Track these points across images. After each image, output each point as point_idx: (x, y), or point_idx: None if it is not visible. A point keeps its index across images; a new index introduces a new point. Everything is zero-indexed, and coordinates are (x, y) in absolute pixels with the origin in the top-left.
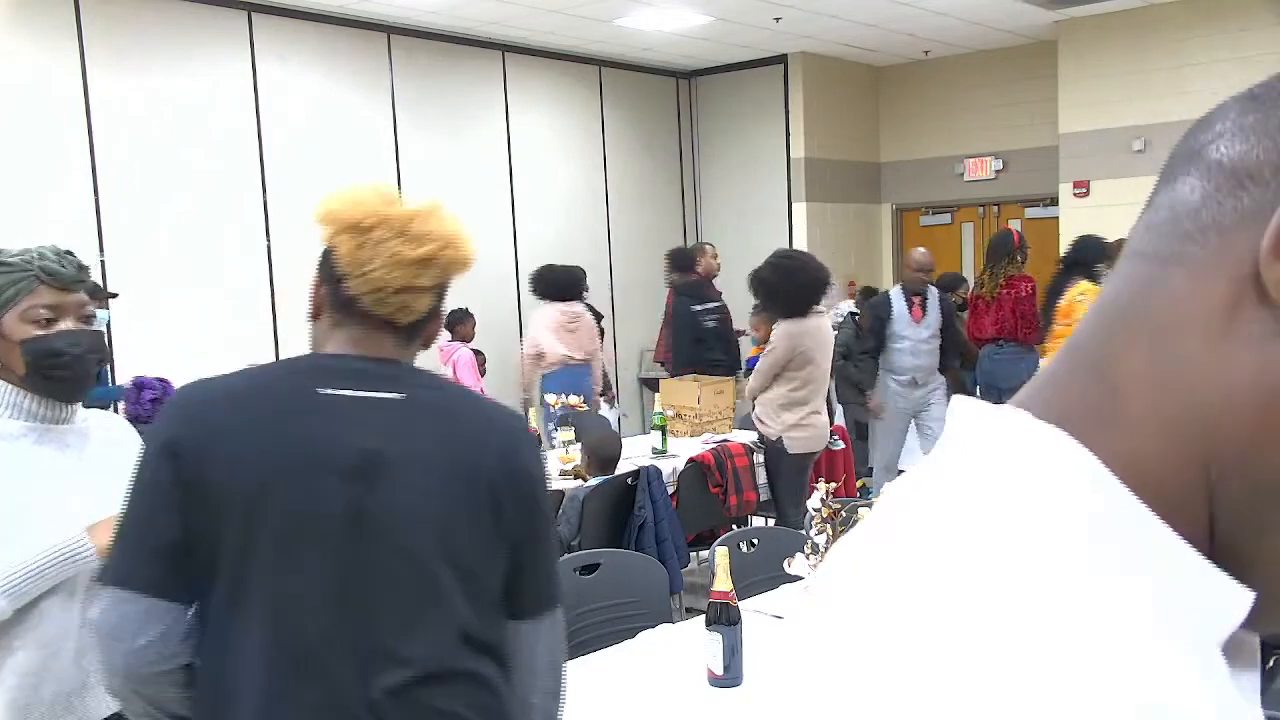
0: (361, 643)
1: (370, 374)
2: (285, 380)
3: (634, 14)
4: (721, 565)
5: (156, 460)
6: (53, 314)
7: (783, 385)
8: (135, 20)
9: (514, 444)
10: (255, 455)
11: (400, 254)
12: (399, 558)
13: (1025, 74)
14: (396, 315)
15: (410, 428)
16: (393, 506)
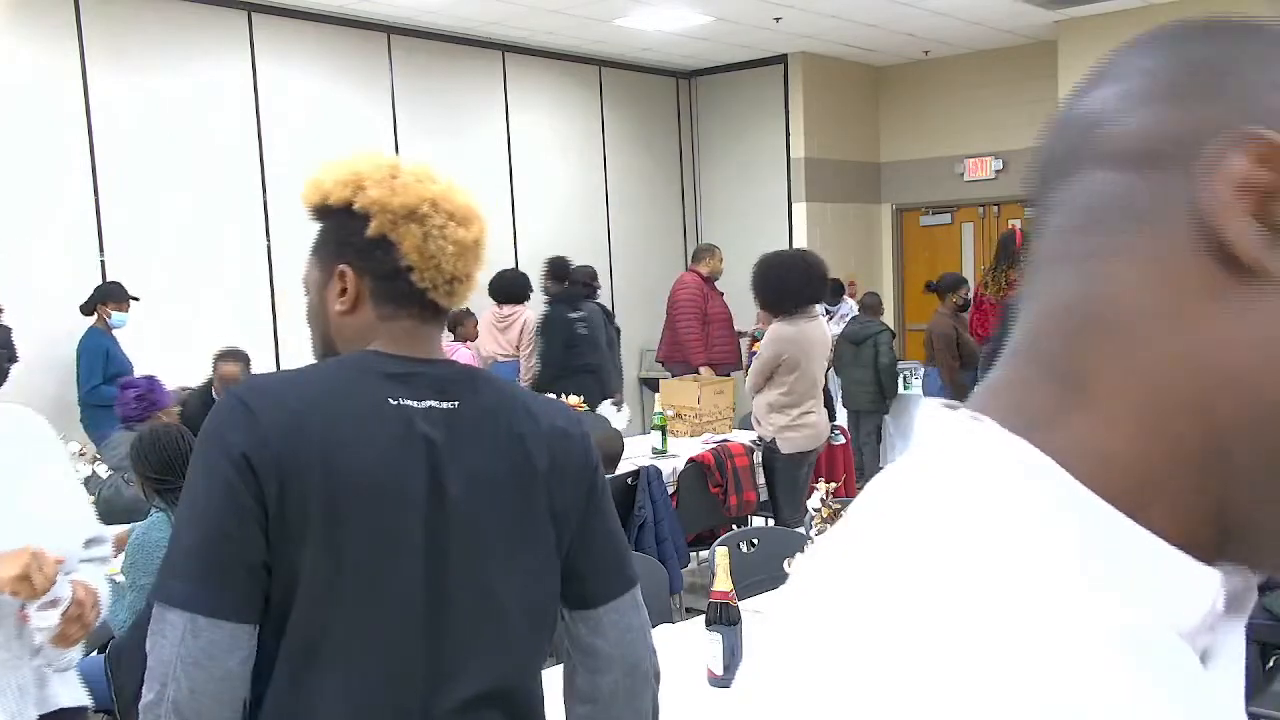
0: (430, 666)
1: (432, 379)
2: (358, 387)
3: (634, 14)
4: (721, 565)
5: (229, 471)
6: None
7: (773, 388)
8: (135, 20)
9: (563, 440)
10: (334, 476)
11: (462, 239)
12: (470, 583)
13: (1025, 74)
14: (460, 303)
15: (467, 442)
16: (462, 531)
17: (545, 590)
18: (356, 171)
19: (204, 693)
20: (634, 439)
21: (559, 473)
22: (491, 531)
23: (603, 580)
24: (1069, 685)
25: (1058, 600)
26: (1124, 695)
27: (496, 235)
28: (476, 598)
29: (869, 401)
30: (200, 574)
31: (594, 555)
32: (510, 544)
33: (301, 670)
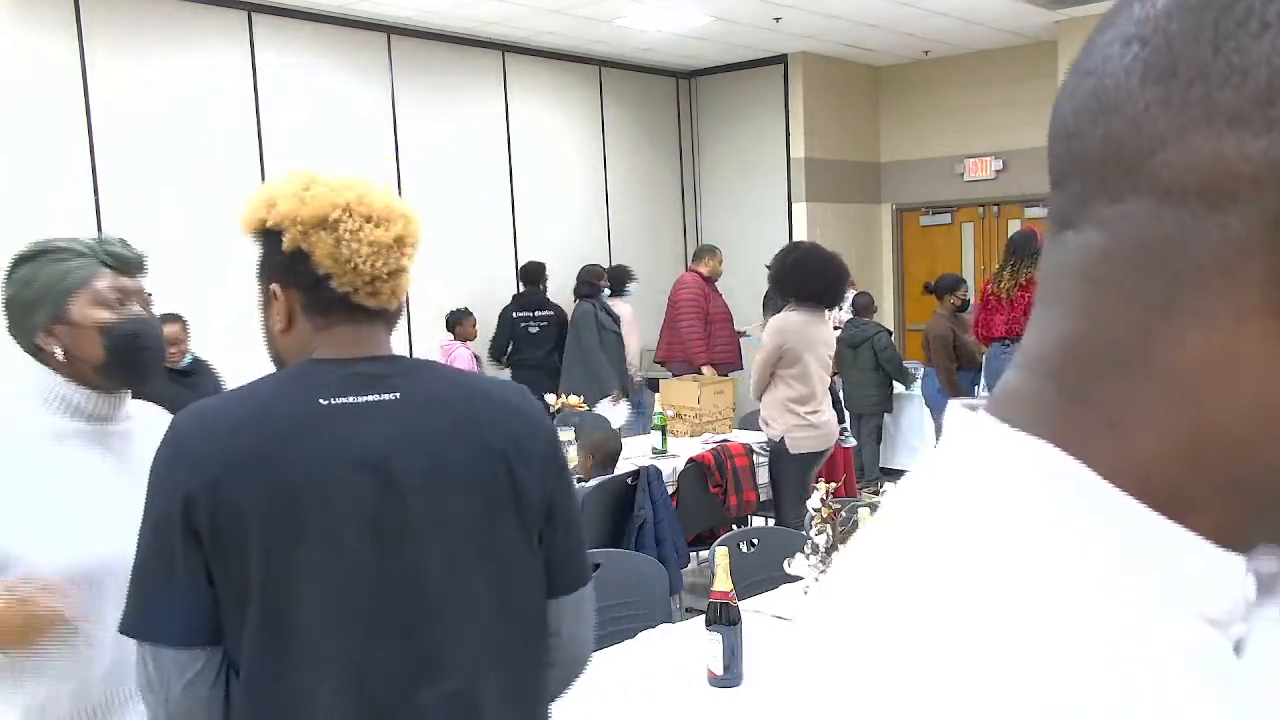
0: (407, 660)
1: (366, 375)
2: (291, 397)
3: (634, 14)
4: (721, 565)
5: (167, 508)
6: (123, 297)
7: (781, 386)
8: (135, 17)
9: (516, 417)
10: (268, 489)
11: (379, 239)
12: (435, 573)
13: (1025, 74)
14: (389, 302)
15: (413, 430)
16: (418, 523)
17: (520, 575)
18: (270, 192)
19: (163, 714)
20: (634, 439)
21: (521, 452)
22: (451, 520)
23: (565, 571)
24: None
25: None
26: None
27: (496, 235)
28: (445, 588)
29: (870, 403)
30: (142, 606)
31: (558, 543)
32: (473, 531)
33: (274, 679)
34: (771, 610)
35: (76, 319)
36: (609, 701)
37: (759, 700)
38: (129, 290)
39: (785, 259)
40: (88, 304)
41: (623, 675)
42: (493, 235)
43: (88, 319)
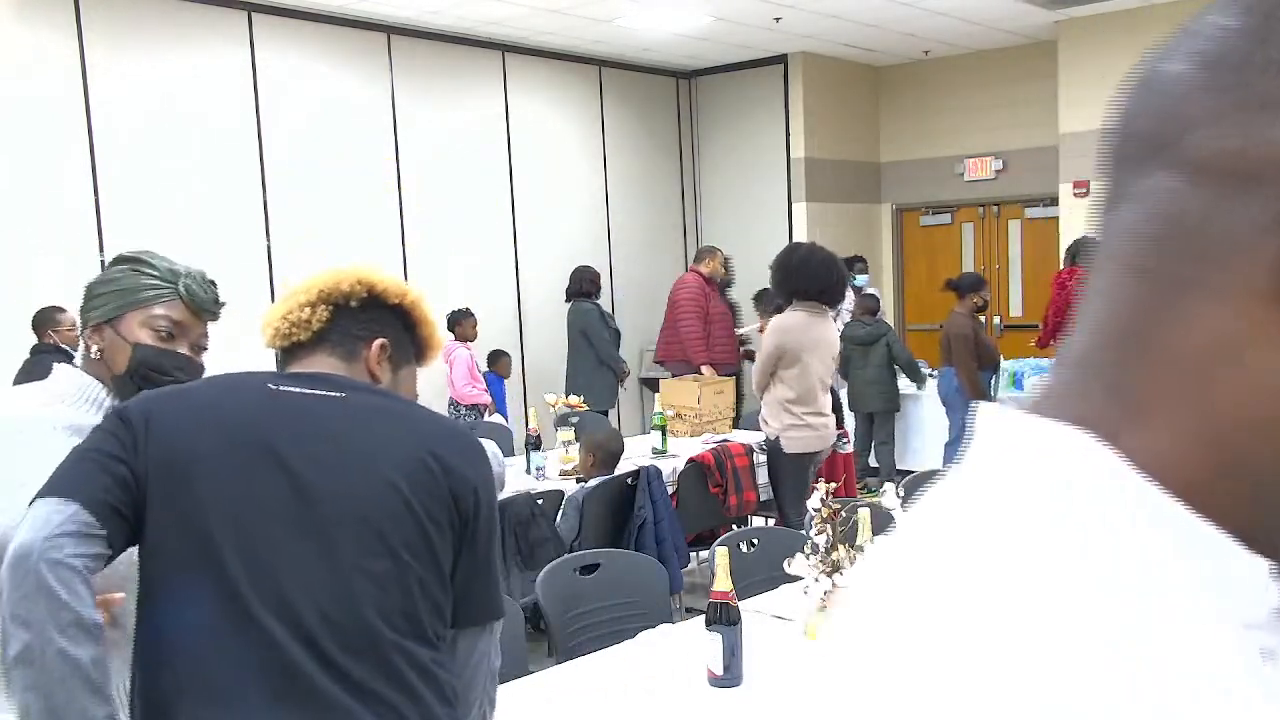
0: (298, 611)
1: (319, 379)
2: (238, 376)
3: (634, 14)
4: (721, 565)
5: (110, 419)
6: (174, 331)
7: (779, 386)
8: (135, 17)
9: (456, 451)
10: (197, 430)
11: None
12: (334, 535)
13: (1025, 74)
14: (295, 335)
15: (348, 421)
16: (332, 489)
17: (430, 571)
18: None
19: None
20: (634, 439)
21: (420, 500)
22: (371, 500)
23: (464, 605)
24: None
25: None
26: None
27: (496, 235)
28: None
29: (883, 402)
30: (65, 474)
31: (467, 575)
32: (391, 518)
33: (150, 614)
34: (771, 610)
35: (122, 330)
36: (609, 701)
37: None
38: (186, 327)
39: (788, 259)
40: (139, 322)
41: (623, 675)
42: (493, 235)
43: (130, 334)
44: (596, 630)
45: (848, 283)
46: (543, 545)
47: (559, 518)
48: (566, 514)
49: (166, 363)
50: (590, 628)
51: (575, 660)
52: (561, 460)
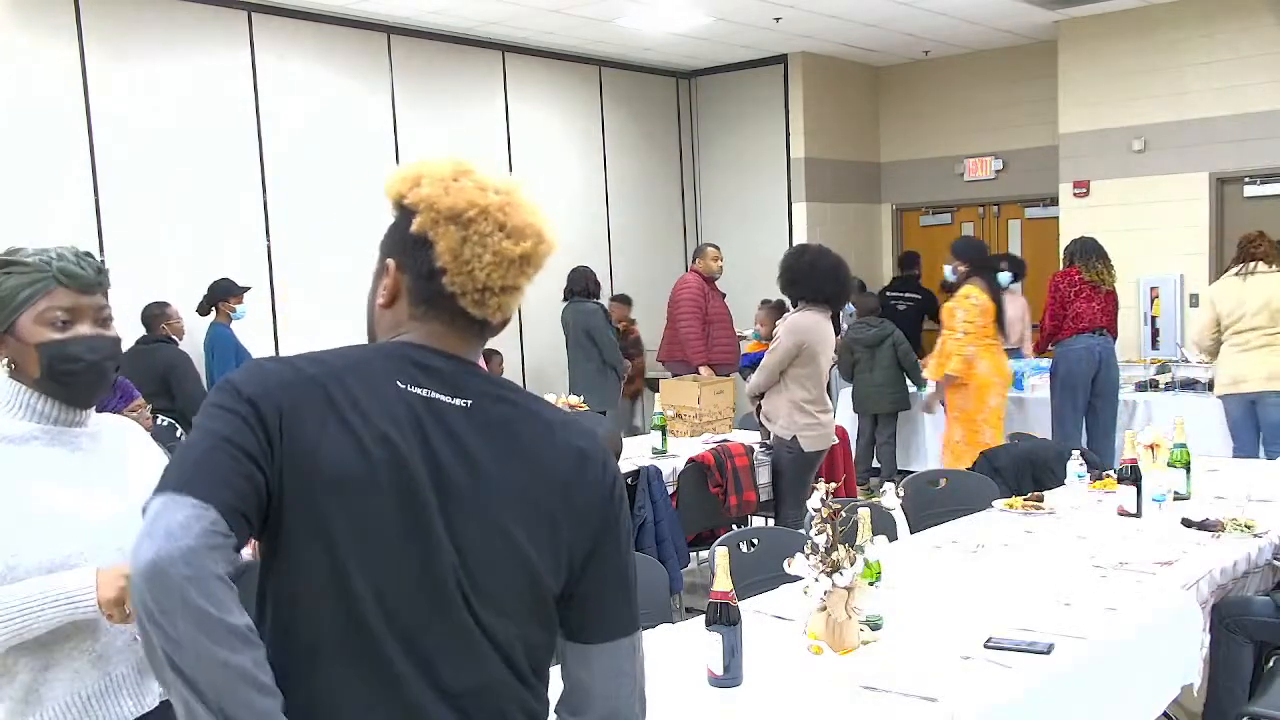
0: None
1: (448, 375)
2: (371, 366)
3: (634, 14)
4: (721, 565)
5: (238, 405)
6: (69, 317)
7: (794, 386)
8: (135, 19)
9: (578, 461)
10: (323, 445)
11: (505, 251)
12: (454, 569)
13: (1025, 74)
14: (493, 315)
15: (472, 444)
16: (450, 522)
17: (548, 598)
18: (421, 170)
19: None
20: (634, 439)
21: (571, 499)
22: (483, 538)
23: (602, 618)
24: None
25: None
26: None
27: None
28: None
29: (891, 404)
30: (191, 468)
31: (598, 591)
32: (499, 560)
33: (283, 634)
34: (771, 610)
35: (21, 336)
36: None
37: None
38: (79, 308)
39: (798, 261)
40: (32, 322)
41: None
42: None
43: (30, 336)
44: None
45: (852, 286)
46: None
47: None
48: None
49: (75, 350)
50: None
51: None
52: None
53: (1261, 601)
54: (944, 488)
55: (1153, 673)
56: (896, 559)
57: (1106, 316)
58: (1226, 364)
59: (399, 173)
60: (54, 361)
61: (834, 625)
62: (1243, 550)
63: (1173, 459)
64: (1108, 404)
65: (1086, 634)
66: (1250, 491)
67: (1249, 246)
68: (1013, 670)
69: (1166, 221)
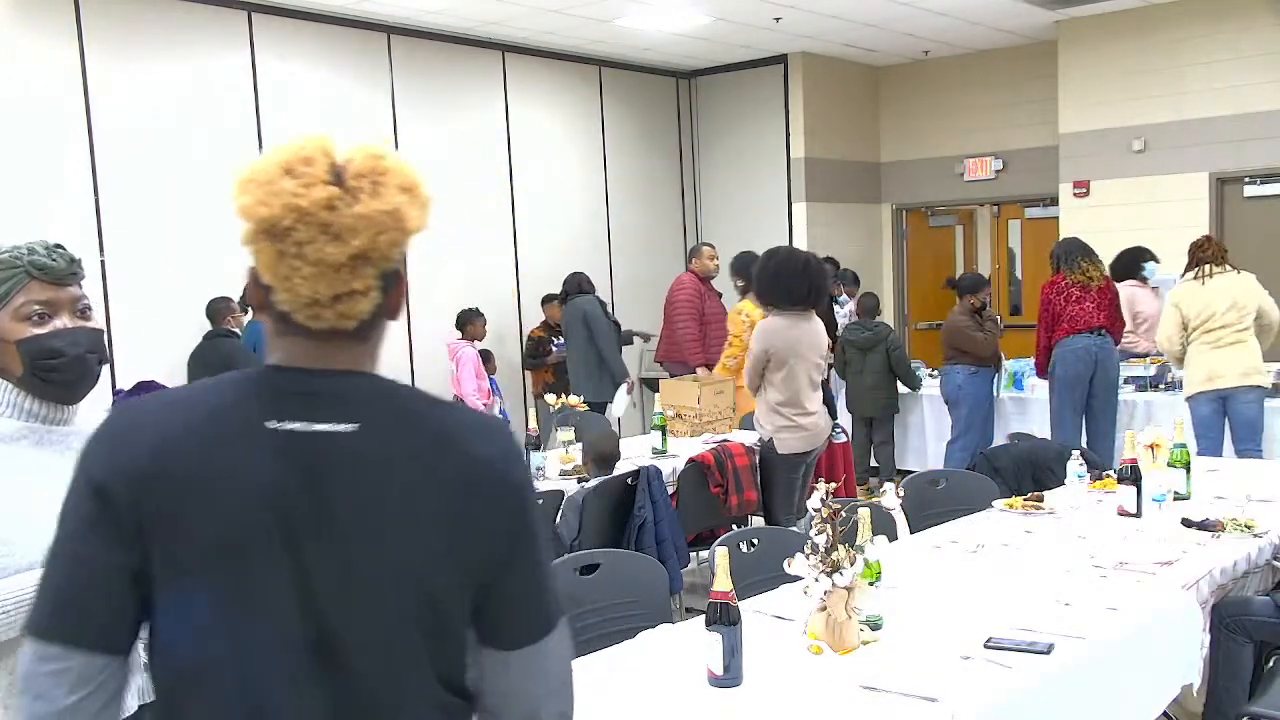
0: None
1: (323, 396)
2: (231, 411)
3: (634, 14)
4: (721, 565)
5: (87, 501)
6: (47, 310)
7: (769, 389)
8: (135, 19)
9: (480, 469)
10: (191, 511)
11: (328, 257)
12: (359, 619)
13: (1025, 74)
14: (339, 324)
15: (362, 473)
16: (345, 568)
17: (461, 621)
18: (253, 170)
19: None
20: (634, 439)
21: (474, 510)
22: (375, 575)
23: (518, 624)
24: None
25: None
26: None
27: (496, 235)
28: (376, 640)
29: (880, 408)
30: (46, 600)
31: (512, 597)
32: (397, 591)
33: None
34: (771, 610)
35: (1, 333)
36: (609, 701)
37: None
38: (56, 301)
39: (764, 267)
40: (9, 319)
41: (623, 675)
42: (493, 235)
43: (9, 334)
44: (596, 630)
45: (826, 281)
46: None
47: (559, 518)
48: (566, 514)
49: (56, 344)
50: (590, 628)
51: (575, 660)
52: (561, 460)
53: (1261, 601)
54: (944, 488)
55: (1153, 673)
56: (896, 559)
57: (1103, 313)
58: (1198, 362)
59: (236, 174)
60: (36, 356)
61: (834, 625)
62: (1243, 550)
63: (1173, 459)
64: (1106, 404)
65: (1086, 634)
66: (1250, 491)
67: (1199, 252)
68: (1013, 670)
69: (1166, 221)
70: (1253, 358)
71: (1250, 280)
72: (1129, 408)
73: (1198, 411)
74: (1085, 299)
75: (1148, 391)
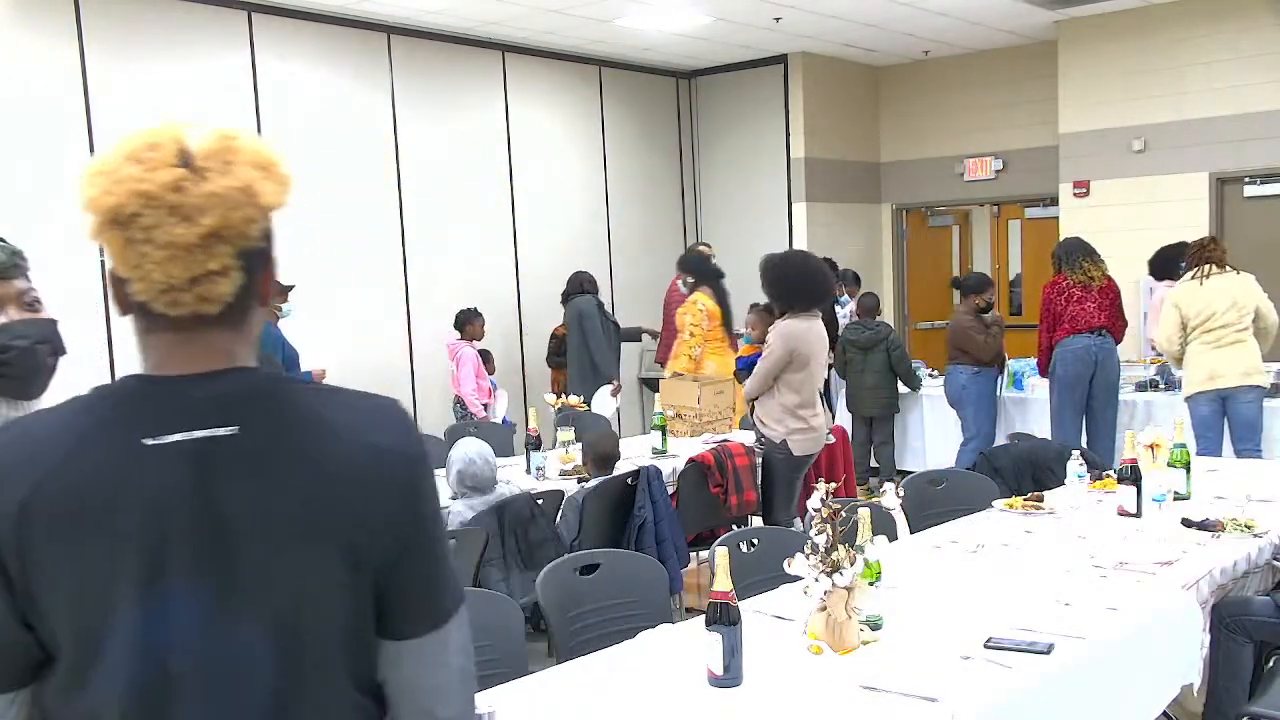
0: None
1: (198, 401)
2: (102, 433)
3: (634, 14)
4: (721, 565)
5: None
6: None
7: (786, 390)
8: (135, 19)
9: (373, 460)
10: (81, 542)
11: (179, 238)
12: (259, 638)
13: (1025, 74)
14: (200, 308)
15: (247, 478)
16: (245, 584)
17: (361, 621)
18: (99, 162)
19: None
20: (634, 439)
21: (368, 503)
22: (274, 577)
23: (411, 614)
24: None
25: None
26: None
27: (496, 235)
28: (275, 657)
29: (880, 408)
30: None
31: (406, 588)
32: (299, 590)
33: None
34: (771, 610)
35: None
36: (609, 701)
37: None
38: (2, 297)
39: (786, 274)
40: None
41: (623, 675)
42: (492, 235)
43: None
44: (596, 630)
45: (833, 283)
46: (543, 545)
47: (559, 518)
48: (566, 514)
49: (2, 339)
50: (590, 628)
51: (575, 660)
52: (561, 460)
53: (1261, 601)
54: (944, 488)
55: (1153, 673)
56: (896, 559)
57: (1104, 313)
58: (1198, 361)
59: (82, 169)
60: None
61: (834, 625)
62: (1243, 550)
63: (1173, 459)
64: (1106, 404)
65: (1086, 634)
66: (1250, 491)
67: (1202, 251)
68: (1013, 670)
69: (1166, 221)
70: (1252, 358)
71: (1249, 281)
72: (1129, 408)
73: (1197, 411)
74: (1086, 299)
75: (1148, 391)
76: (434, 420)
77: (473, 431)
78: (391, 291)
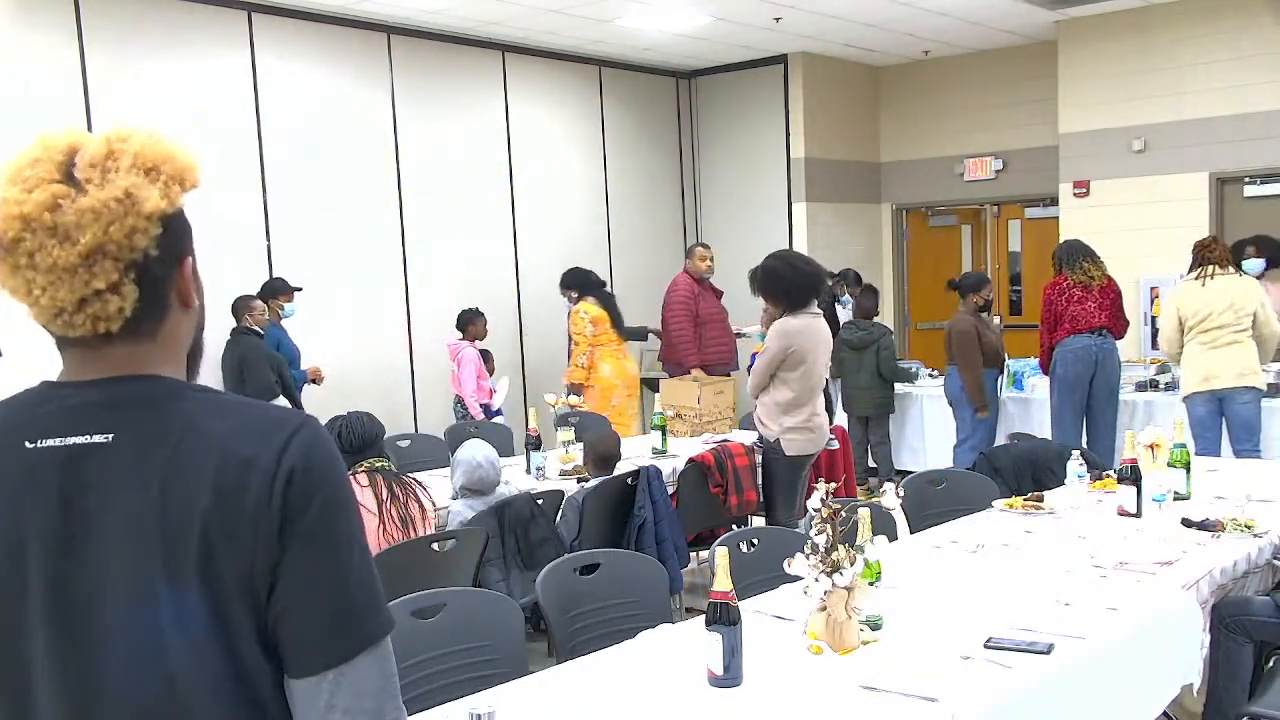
0: None
1: (85, 407)
2: (3, 435)
3: (634, 14)
4: (721, 565)
5: None
6: None
7: (780, 387)
8: (135, 19)
9: (239, 472)
10: None
11: (61, 259)
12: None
13: (1025, 74)
14: (100, 326)
15: (116, 484)
16: (100, 587)
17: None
18: None
19: None
20: (634, 439)
21: (235, 517)
22: (135, 599)
23: (299, 649)
24: None
25: None
26: None
27: (496, 235)
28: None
29: (874, 408)
30: None
31: (290, 616)
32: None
33: None
34: (771, 610)
35: None
36: (609, 701)
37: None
38: None
39: (782, 274)
40: None
41: (623, 675)
42: (493, 235)
43: None
44: (596, 630)
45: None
46: (543, 545)
47: (559, 518)
48: (566, 514)
49: None
50: (590, 628)
51: (575, 660)
52: (561, 460)
53: (1261, 601)
54: (944, 488)
55: (1153, 673)
56: (896, 559)
57: (1104, 313)
58: (1195, 362)
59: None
60: None
61: (834, 625)
62: (1243, 550)
63: (1173, 459)
64: (1106, 404)
65: (1086, 634)
66: (1250, 491)
67: (1204, 252)
68: (1013, 670)
69: (1166, 221)
70: (1248, 358)
71: (1252, 284)
72: (1129, 408)
73: (1194, 412)
74: (1087, 299)
75: (1148, 391)
76: (434, 420)
77: (473, 432)
78: (391, 291)
